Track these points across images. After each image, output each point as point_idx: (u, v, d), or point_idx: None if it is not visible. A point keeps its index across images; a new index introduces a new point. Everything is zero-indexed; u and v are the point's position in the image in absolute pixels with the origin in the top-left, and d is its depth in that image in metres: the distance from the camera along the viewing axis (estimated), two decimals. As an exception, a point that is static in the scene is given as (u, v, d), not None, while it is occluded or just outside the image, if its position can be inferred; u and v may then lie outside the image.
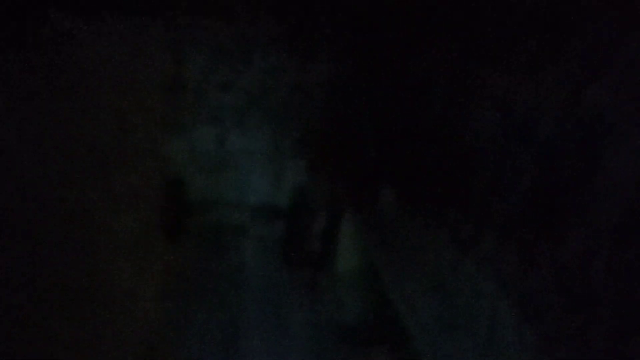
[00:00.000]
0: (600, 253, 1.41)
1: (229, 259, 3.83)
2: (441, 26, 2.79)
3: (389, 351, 3.13)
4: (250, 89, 4.48)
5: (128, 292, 3.42)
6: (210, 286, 3.47)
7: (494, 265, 2.08)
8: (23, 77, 3.43)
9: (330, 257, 3.91)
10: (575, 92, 1.59)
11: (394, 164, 3.69)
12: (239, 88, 4.44)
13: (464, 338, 2.27)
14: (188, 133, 4.47)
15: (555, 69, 1.72)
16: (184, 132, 4.49)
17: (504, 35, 2.08)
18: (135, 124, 4.35)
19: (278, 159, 4.65)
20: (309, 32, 4.49)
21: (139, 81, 4.25)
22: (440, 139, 2.87)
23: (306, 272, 3.79)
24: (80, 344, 3.02)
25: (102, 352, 3.04)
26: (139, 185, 4.02)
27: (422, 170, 3.03)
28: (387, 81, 4.10)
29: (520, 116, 1.93)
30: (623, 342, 1.31)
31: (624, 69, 1.40)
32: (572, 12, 1.63)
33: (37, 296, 3.16)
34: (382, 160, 4.10)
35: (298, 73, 4.63)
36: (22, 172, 3.57)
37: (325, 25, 4.41)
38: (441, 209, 2.77)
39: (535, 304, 1.73)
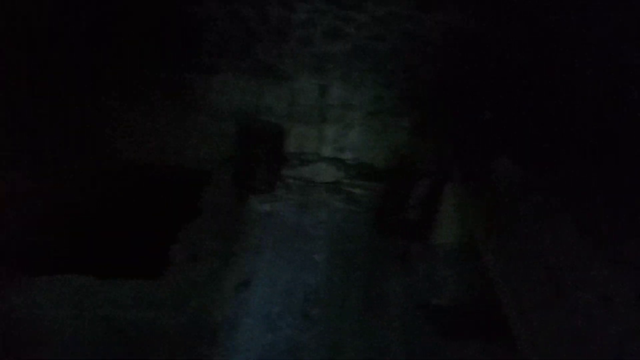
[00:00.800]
0: None
1: (318, 217, 3.69)
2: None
3: (483, 340, 2.83)
4: (358, 38, 4.16)
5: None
6: (297, 243, 3.37)
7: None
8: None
9: (427, 228, 3.60)
10: None
11: (513, 132, 3.22)
12: (346, 37, 4.13)
13: (573, 330, 1.92)
14: (290, 83, 4.30)
15: None
16: (286, 82, 4.34)
17: None
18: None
19: (381, 116, 4.34)
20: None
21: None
22: (578, 112, 2.38)
23: (399, 241, 3.53)
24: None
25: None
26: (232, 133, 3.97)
27: (550, 145, 2.56)
28: (514, 38, 3.55)
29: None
30: None
31: None
32: None
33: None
34: (498, 126, 3.62)
35: (412, 22, 4.20)
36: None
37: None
38: (564, 190, 2.33)
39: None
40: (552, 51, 2.78)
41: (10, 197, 3.28)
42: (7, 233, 3.01)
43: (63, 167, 3.71)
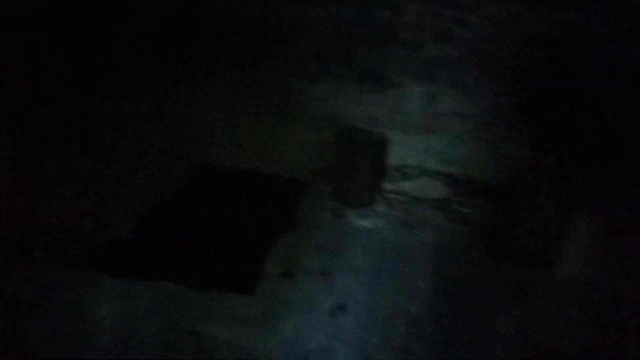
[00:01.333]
0: None
1: (422, 237, 3.35)
2: None
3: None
4: (474, 41, 3.77)
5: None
6: (398, 266, 3.07)
7: None
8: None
9: (550, 259, 3.12)
10: None
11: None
12: (460, 40, 3.76)
13: None
14: (394, 90, 4.02)
15: None
16: (391, 89, 4.06)
17: None
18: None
19: (495, 127, 3.91)
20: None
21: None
22: None
23: (514, 270, 3.08)
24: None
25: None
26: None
27: None
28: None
29: None
30: None
31: None
32: None
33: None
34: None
35: (533, 21, 3.73)
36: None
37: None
38: None
39: None
40: None
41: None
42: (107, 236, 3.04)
43: (157, 168, 3.77)
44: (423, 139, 3.97)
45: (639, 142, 3.39)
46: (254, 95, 4.18)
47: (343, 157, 3.65)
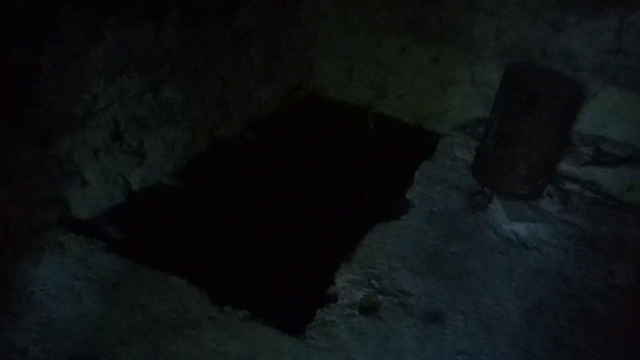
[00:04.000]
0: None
1: (612, 267, 1.96)
2: None
3: None
4: None
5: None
6: (564, 313, 1.76)
7: None
8: None
9: None
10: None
11: None
12: None
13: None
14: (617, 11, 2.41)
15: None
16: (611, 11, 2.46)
17: None
18: None
19: None
20: None
21: None
22: None
23: None
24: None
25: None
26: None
27: None
28: None
29: None
30: None
31: None
32: None
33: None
34: None
35: None
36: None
37: None
38: None
39: None
40: None
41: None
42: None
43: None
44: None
45: None
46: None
47: (504, 111, 2.27)
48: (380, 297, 1.75)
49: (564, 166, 2.43)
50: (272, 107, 2.91)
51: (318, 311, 1.68)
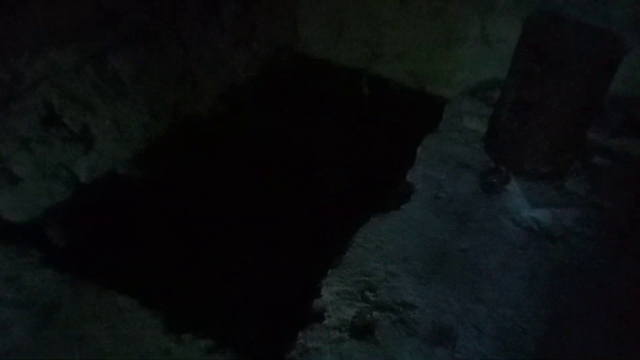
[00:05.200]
0: None
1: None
2: None
3: None
4: None
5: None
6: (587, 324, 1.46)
7: None
8: None
9: None
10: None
11: None
12: None
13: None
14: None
15: None
16: None
17: None
18: None
19: None
20: None
21: None
22: None
23: None
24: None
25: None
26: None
27: None
28: None
29: None
30: None
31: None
32: None
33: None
34: None
35: None
36: None
37: None
38: None
39: None
40: None
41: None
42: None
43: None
44: None
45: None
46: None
47: (521, 72, 1.88)
48: (376, 313, 1.44)
49: (597, 135, 2.06)
50: (251, 73, 2.52)
51: (300, 334, 1.38)
